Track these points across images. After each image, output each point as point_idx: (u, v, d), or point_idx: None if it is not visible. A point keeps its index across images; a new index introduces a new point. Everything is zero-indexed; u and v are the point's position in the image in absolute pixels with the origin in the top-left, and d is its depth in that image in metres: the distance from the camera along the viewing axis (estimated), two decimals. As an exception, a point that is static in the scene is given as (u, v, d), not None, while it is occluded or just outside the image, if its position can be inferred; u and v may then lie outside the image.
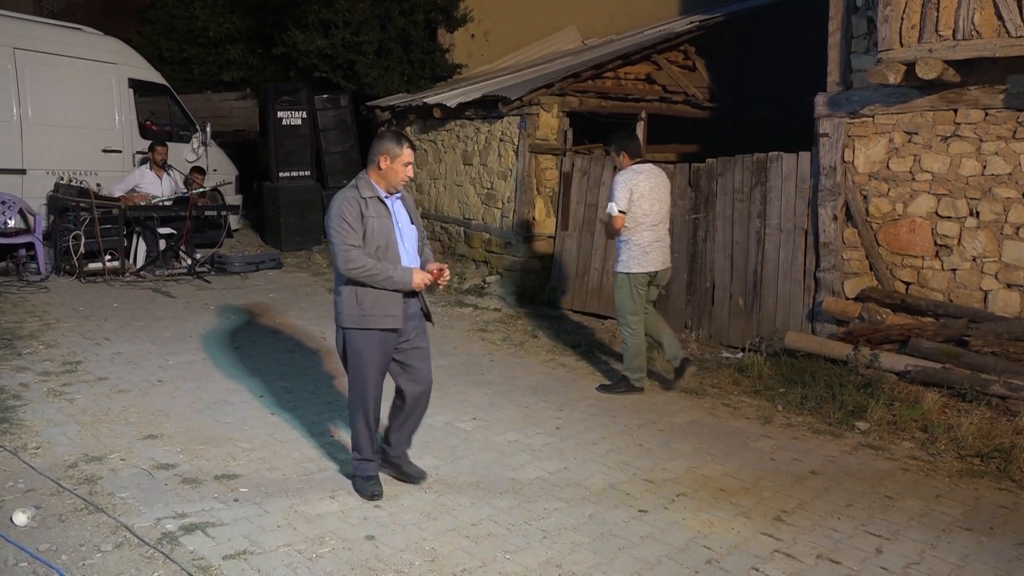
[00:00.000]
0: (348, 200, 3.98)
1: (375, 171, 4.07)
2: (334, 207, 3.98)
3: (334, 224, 3.95)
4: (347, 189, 4.08)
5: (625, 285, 6.00)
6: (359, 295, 3.95)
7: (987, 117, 5.98)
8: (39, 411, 4.97)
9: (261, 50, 13.80)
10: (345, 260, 3.90)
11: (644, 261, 5.95)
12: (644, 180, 5.90)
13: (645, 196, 5.88)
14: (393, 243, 4.01)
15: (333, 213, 3.96)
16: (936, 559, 3.79)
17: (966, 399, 5.49)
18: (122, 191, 9.30)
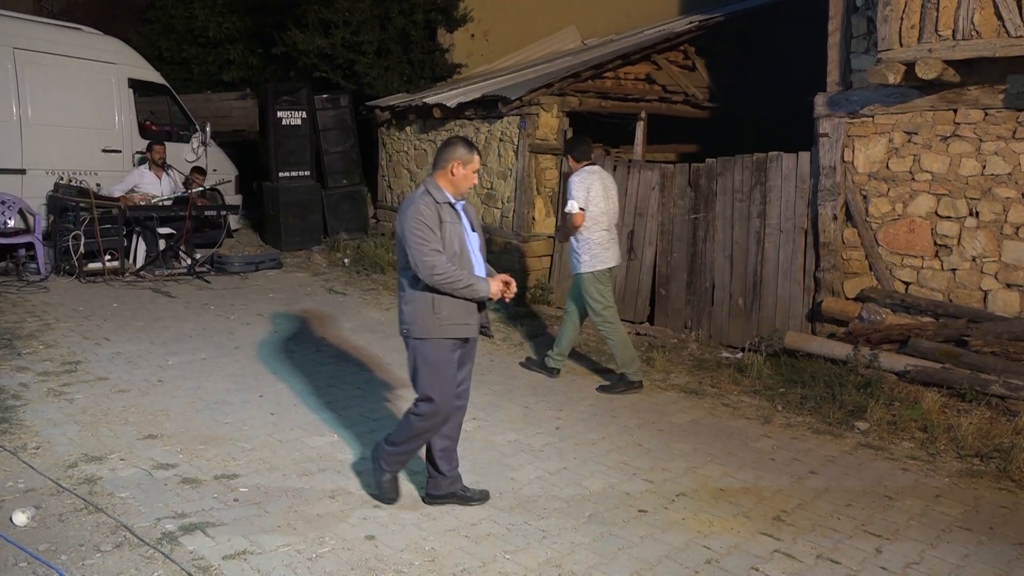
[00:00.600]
0: (425, 205, 3.82)
1: (445, 177, 3.94)
2: (409, 213, 3.81)
3: (413, 229, 3.77)
4: (419, 194, 3.91)
5: (591, 284, 6.10)
6: (436, 303, 3.80)
7: (987, 117, 5.99)
8: (39, 411, 4.97)
9: (261, 50, 13.80)
10: (429, 266, 3.73)
11: (605, 257, 6.10)
12: (597, 181, 6.08)
13: (600, 196, 6.05)
14: (467, 250, 3.90)
15: (409, 218, 3.79)
16: (936, 559, 3.79)
17: (966, 399, 5.49)
18: (122, 191, 9.29)
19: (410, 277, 3.87)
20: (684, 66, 10.81)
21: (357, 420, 5.20)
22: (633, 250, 8.40)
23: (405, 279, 3.92)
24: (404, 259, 3.87)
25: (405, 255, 3.84)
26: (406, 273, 3.90)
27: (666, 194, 8.18)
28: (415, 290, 3.85)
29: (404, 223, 3.82)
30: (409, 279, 3.88)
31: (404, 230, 3.82)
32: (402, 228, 3.83)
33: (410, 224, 3.79)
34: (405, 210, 3.86)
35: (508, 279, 3.97)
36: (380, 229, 11.95)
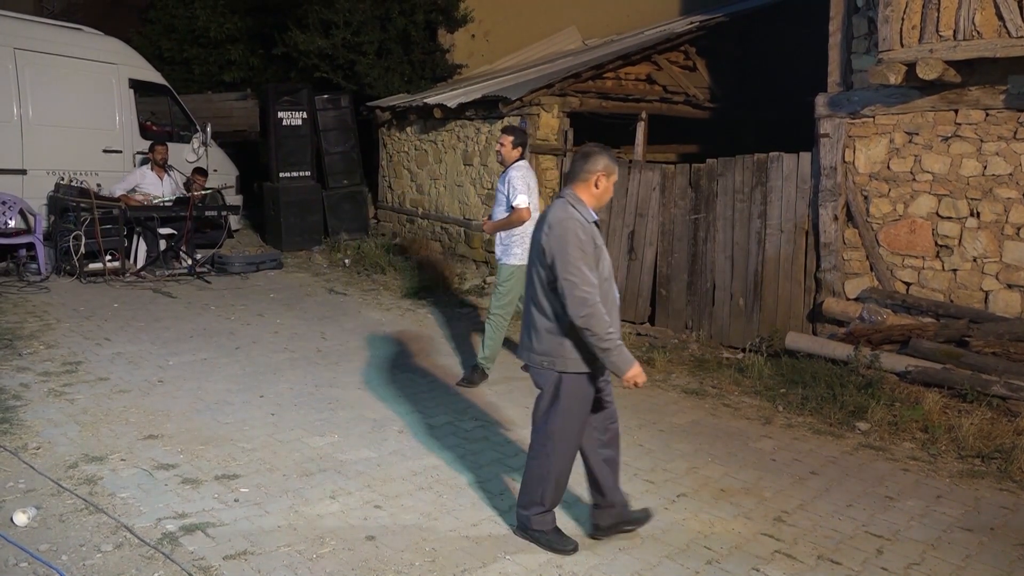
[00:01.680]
0: (582, 224, 3.43)
1: (588, 190, 3.58)
2: (569, 233, 3.40)
3: (574, 254, 3.37)
4: (568, 209, 3.49)
5: (516, 277, 6.07)
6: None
7: (988, 117, 5.98)
8: (39, 411, 4.97)
9: (262, 50, 13.80)
10: (581, 303, 3.34)
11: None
12: (532, 176, 6.21)
13: (535, 191, 6.20)
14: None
15: (570, 240, 3.39)
16: (937, 560, 3.79)
17: (967, 400, 5.49)
18: (122, 191, 9.29)
19: (555, 300, 3.49)
20: (685, 66, 10.81)
21: (358, 420, 5.20)
22: (634, 250, 8.40)
23: (549, 303, 3.51)
24: (548, 281, 3.47)
25: (550, 276, 3.46)
26: (550, 296, 3.49)
27: (667, 194, 8.18)
28: (563, 315, 3.45)
29: (562, 244, 3.40)
30: (553, 302, 3.50)
31: (561, 252, 3.40)
32: (557, 249, 3.41)
33: (572, 247, 3.39)
34: (558, 226, 3.44)
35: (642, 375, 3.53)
36: (381, 229, 11.96)
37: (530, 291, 3.62)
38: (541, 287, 3.54)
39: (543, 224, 3.55)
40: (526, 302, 3.68)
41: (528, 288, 3.65)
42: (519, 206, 5.98)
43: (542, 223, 3.57)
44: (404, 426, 5.14)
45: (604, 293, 3.48)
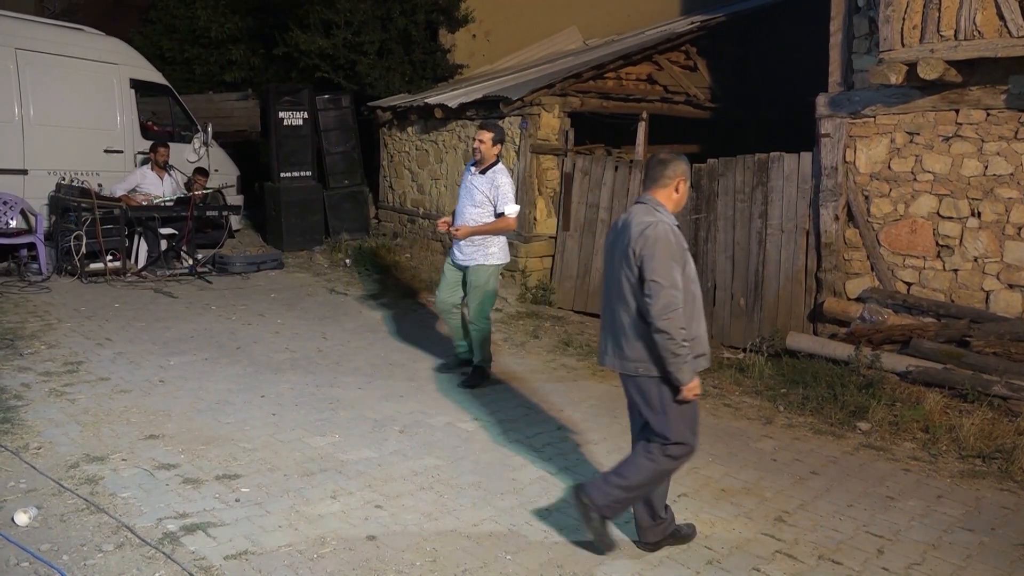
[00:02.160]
0: (671, 228, 3.43)
1: (669, 195, 3.57)
2: (660, 236, 3.38)
3: (663, 257, 3.36)
4: (655, 213, 3.49)
5: (496, 276, 6.02)
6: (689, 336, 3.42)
7: (989, 117, 5.98)
8: (41, 411, 4.97)
9: (263, 50, 13.80)
10: (665, 306, 3.32)
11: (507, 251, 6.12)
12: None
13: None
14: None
15: (661, 243, 3.37)
16: (938, 560, 3.79)
17: (968, 400, 5.49)
18: (123, 191, 9.29)
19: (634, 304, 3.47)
20: (686, 66, 10.81)
21: (358, 420, 5.20)
22: (634, 250, 8.40)
23: (636, 306, 3.46)
24: (636, 283, 3.44)
25: (637, 280, 3.43)
26: (639, 299, 3.44)
27: (667, 194, 8.17)
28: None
29: (653, 247, 3.37)
30: (633, 305, 3.48)
31: (651, 254, 3.36)
32: (647, 252, 3.37)
33: (661, 250, 3.36)
34: (649, 229, 3.41)
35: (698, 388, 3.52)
36: (381, 229, 11.96)
37: (617, 298, 3.55)
38: (632, 292, 3.48)
39: (628, 228, 3.51)
40: (611, 309, 3.61)
41: (614, 295, 3.58)
42: (512, 215, 5.81)
43: (627, 228, 3.53)
44: (405, 426, 5.14)
45: (692, 294, 3.51)
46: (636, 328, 3.49)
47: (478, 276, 5.92)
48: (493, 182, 5.80)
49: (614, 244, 3.62)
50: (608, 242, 3.70)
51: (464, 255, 5.94)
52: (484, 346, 6.10)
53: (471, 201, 5.86)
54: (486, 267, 5.91)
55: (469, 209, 5.87)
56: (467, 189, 5.91)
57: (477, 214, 5.86)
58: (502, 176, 5.84)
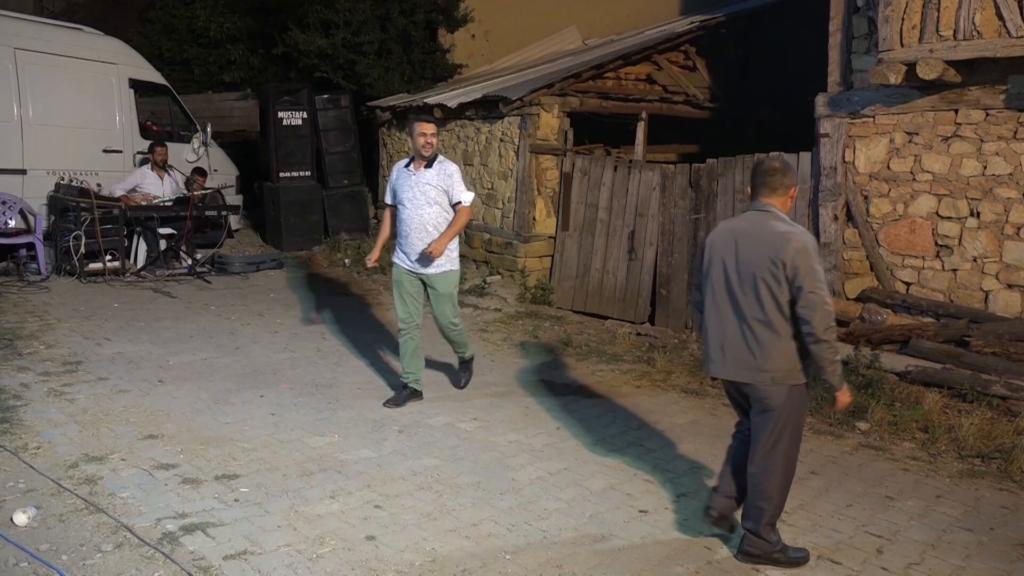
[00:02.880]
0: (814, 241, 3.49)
1: (785, 202, 3.60)
2: (811, 246, 3.41)
3: (818, 268, 3.38)
4: (789, 224, 3.48)
5: (456, 282, 5.60)
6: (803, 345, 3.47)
7: (988, 117, 5.99)
8: (40, 411, 4.97)
9: (262, 50, 13.80)
10: (827, 315, 3.35)
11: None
12: None
13: None
14: None
15: (813, 254, 3.38)
16: (937, 559, 3.79)
17: (967, 399, 5.49)
18: (123, 191, 9.29)
19: (788, 316, 3.44)
20: (685, 66, 10.81)
21: (357, 420, 5.20)
22: (634, 250, 8.40)
23: (782, 318, 3.44)
24: (784, 296, 3.41)
25: (790, 291, 3.40)
26: (784, 311, 3.43)
27: (667, 194, 8.18)
28: (793, 330, 3.44)
29: (808, 258, 3.36)
30: (787, 317, 3.44)
31: (807, 265, 3.35)
32: (803, 263, 3.35)
33: (816, 261, 3.37)
34: (796, 240, 3.39)
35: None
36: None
37: (748, 308, 3.50)
38: (773, 303, 3.43)
39: (762, 238, 3.47)
40: (731, 320, 3.56)
41: (741, 305, 3.52)
42: (470, 202, 5.40)
43: (758, 237, 3.48)
44: (404, 426, 5.14)
45: None
46: (773, 339, 3.46)
47: (447, 283, 5.46)
48: (445, 171, 5.34)
49: (736, 253, 3.54)
50: (717, 251, 3.61)
51: (426, 262, 5.35)
52: (466, 339, 5.84)
53: (425, 200, 5.29)
54: (454, 271, 5.50)
55: (424, 211, 5.30)
56: (415, 190, 5.30)
57: (435, 214, 5.32)
58: (450, 164, 5.42)
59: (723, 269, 3.59)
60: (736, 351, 3.55)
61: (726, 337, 3.58)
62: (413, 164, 5.40)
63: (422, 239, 5.31)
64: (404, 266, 5.45)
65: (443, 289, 5.46)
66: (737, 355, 3.55)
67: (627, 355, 7.09)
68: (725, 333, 3.58)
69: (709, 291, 3.66)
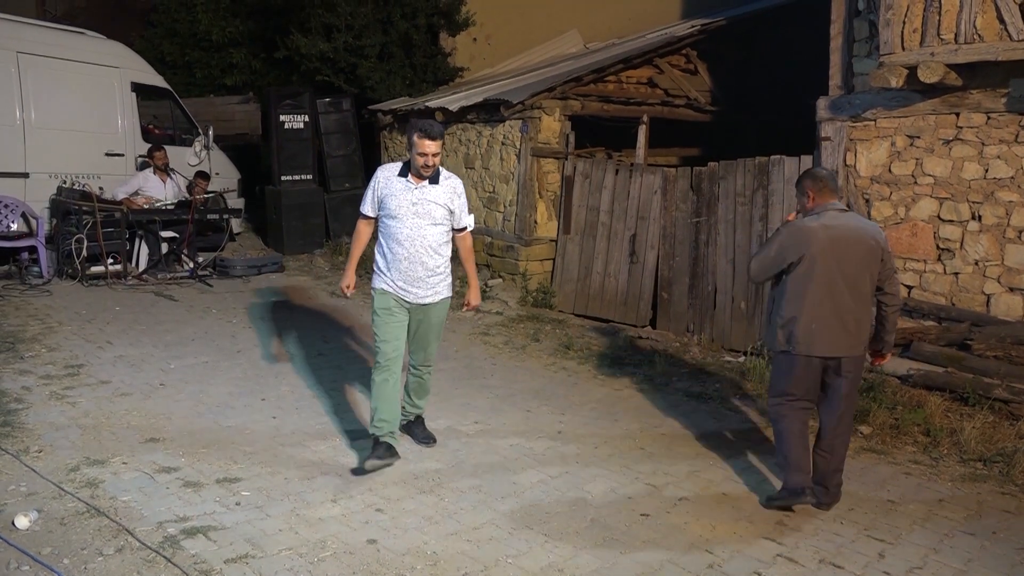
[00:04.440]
0: None
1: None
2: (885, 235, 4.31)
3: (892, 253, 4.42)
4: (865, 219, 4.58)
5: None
6: None
7: (989, 120, 5.98)
8: (41, 414, 4.97)
9: (263, 54, 13.82)
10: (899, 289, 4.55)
11: None
12: None
13: None
14: None
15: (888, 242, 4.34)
16: (939, 563, 3.78)
17: (969, 403, 5.48)
18: (125, 194, 9.31)
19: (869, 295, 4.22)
20: (686, 70, 10.81)
21: (358, 424, 5.20)
22: (635, 253, 8.41)
23: (872, 300, 4.24)
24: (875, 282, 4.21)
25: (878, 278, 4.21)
26: (872, 294, 4.24)
27: (668, 198, 8.19)
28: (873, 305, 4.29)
29: (888, 246, 4.26)
30: (873, 295, 4.25)
31: (890, 253, 4.26)
32: (889, 252, 4.24)
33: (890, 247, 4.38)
34: (880, 234, 4.24)
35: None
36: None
37: (854, 296, 4.13)
38: (871, 284, 4.21)
39: (863, 233, 4.17)
40: (848, 304, 4.13)
41: (847, 294, 4.12)
42: (470, 228, 4.86)
43: (860, 233, 4.17)
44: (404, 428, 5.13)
45: None
46: (868, 319, 4.24)
47: (442, 313, 4.77)
48: (454, 189, 4.63)
49: (845, 246, 4.11)
50: (815, 246, 4.11)
51: (425, 289, 4.61)
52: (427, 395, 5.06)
53: (430, 220, 4.54)
54: (448, 299, 4.79)
55: (428, 232, 4.55)
56: (417, 206, 4.52)
57: (439, 236, 4.61)
58: (455, 179, 4.70)
59: (827, 261, 4.11)
60: (847, 330, 4.15)
61: (845, 319, 4.13)
62: (411, 175, 4.57)
63: (423, 263, 4.55)
64: (392, 294, 4.60)
65: (438, 319, 4.75)
66: (849, 333, 4.15)
67: (628, 359, 7.09)
68: (841, 312, 4.13)
69: (804, 275, 4.14)
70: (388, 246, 4.61)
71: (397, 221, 4.55)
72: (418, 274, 4.56)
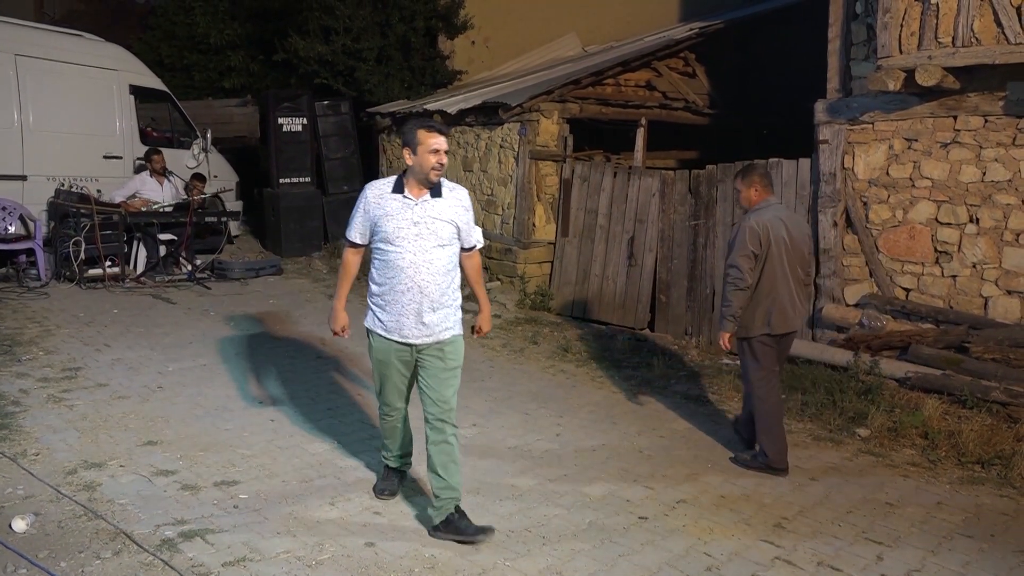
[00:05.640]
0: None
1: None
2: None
3: None
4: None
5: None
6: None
7: (987, 124, 6.00)
8: (39, 417, 4.97)
9: (262, 57, 13.82)
10: None
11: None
12: None
13: None
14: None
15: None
16: (937, 566, 3.78)
17: (967, 406, 5.48)
18: (123, 197, 9.30)
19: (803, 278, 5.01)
20: (684, 73, 10.83)
21: (357, 426, 5.19)
22: (633, 256, 8.41)
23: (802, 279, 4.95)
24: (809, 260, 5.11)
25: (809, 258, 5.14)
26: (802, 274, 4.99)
27: (666, 200, 8.19)
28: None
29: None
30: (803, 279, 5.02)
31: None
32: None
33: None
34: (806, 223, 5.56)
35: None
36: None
37: (796, 279, 4.79)
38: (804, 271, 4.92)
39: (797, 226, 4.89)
40: (794, 290, 4.78)
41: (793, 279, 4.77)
42: (480, 246, 4.20)
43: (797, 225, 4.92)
44: (403, 432, 5.12)
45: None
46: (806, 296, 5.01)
47: (457, 351, 4.03)
48: (460, 202, 3.93)
49: (788, 232, 4.75)
50: (775, 235, 4.70)
51: (432, 327, 3.90)
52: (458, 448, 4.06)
53: (436, 242, 3.83)
54: (461, 335, 4.05)
55: (435, 256, 3.84)
56: (420, 226, 3.81)
57: (447, 259, 3.90)
58: (460, 188, 4.02)
59: (783, 250, 4.72)
60: (798, 308, 4.83)
61: (792, 298, 4.77)
62: (408, 190, 3.84)
63: (429, 296, 3.84)
64: (393, 337, 3.91)
65: (454, 361, 4.02)
66: (799, 311, 4.84)
67: (626, 361, 7.09)
68: (793, 296, 4.77)
69: (771, 266, 4.71)
70: (385, 277, 3.89)
71: (396, 246, 3.82)
72: (423, 308, 3.83)
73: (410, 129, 3.85)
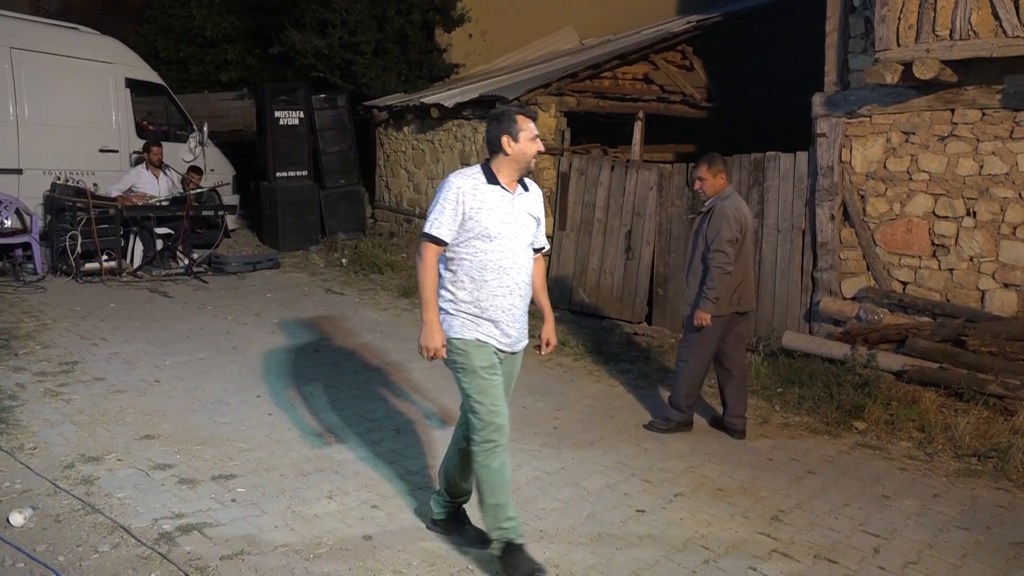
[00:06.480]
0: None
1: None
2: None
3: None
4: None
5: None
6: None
7: (984, 117, 5.99)
8: (36, 411, 4.96)
9: (258, 50, 13.79)
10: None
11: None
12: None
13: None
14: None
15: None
16: (934, 558, 3.80)
17: (963, 399, 5.49)
18: (119, 191, 9.28)
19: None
20: (682, 66, 10.83)
21: (355, 420, 5.19)
22: (631, 250, 8.40)
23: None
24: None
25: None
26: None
27: (664, 194, 8.19)
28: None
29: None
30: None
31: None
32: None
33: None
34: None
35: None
36: (378, 229, 11.95)
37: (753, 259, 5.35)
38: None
39: (748, 211, 5.25)
40: (751, 268, 5.29)
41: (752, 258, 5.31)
42: (546, 249, 3.88)
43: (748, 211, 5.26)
44: (401, 425, 5.13)
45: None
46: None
47: (519, 359, 3.81)
48: (540, 198, 3.69)
49: (748, 217, 5.19)
50: (748, 220, 5.22)
51: (518, 331, 3.60)
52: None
53: (528, 239, 3.57)
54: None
55: (526, 255, 3.56)
56: (518, 223, 3.50)
57: (531, 257, 3.64)
58: (536, 186, 3.71)
59: (748, 232, 5.16)
60: (754, 287, 5.38)
61: (752, 278, 5.29)
62: (504, 181, 3.48)
63: (523, 297, 3.55)
64: (500, 343, 3.54)
65: (518, 368, 3.85)
66: (754, 290, 5.37)
67: (623, 355, 7.09)
68: (752, 276, 5.27)
69: (744, 249, 5.14)
70: (483, 279, 3.43)
71: (496, 243, 3.41)
72: (519, 312, 3.52)
73: (506, 114, 3.48)
